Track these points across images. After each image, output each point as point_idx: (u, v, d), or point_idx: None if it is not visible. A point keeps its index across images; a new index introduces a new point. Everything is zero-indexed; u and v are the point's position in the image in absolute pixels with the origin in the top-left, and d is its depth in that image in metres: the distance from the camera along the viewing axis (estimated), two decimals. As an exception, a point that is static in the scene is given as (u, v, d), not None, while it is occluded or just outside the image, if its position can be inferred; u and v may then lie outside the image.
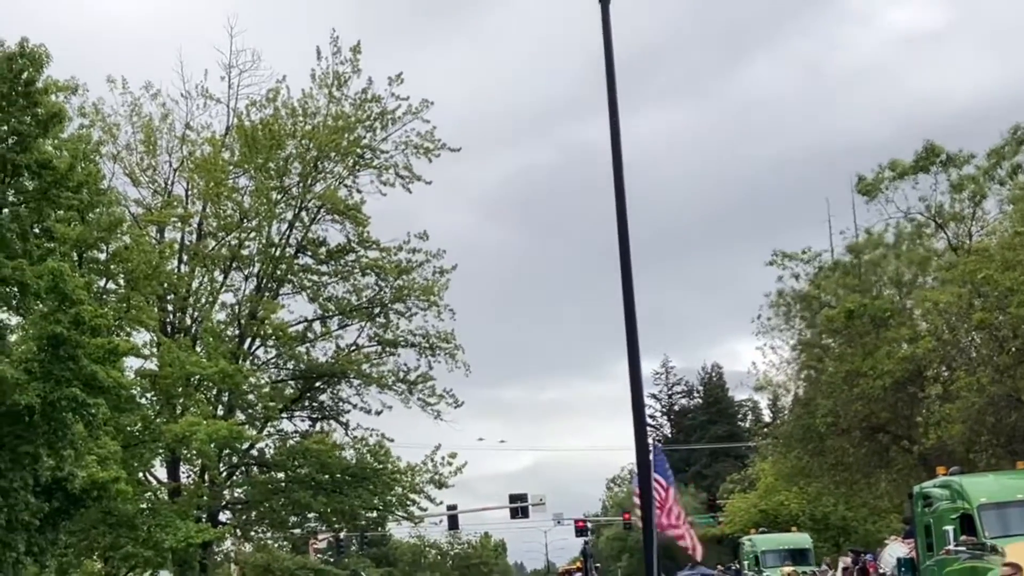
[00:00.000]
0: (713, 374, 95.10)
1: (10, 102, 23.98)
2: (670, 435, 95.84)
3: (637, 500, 24.58)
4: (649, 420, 67.23)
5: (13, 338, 25.48)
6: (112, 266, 32.04)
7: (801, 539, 44.43)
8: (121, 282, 32.79)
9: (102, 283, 32.17)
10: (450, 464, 42.12)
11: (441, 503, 49.58)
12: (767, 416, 66.52)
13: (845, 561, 32.67)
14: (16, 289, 24.12)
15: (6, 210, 24.50)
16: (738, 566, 42.45)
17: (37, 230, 25.23)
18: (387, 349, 43.79)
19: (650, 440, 22.40)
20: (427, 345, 43.36)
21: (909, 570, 25.60)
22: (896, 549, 28.27)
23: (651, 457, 20.14)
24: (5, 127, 24.16)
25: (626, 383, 16.59)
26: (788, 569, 38.40)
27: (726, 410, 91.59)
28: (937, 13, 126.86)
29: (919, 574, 24.79)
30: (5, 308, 24.77)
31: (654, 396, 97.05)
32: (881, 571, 28.46)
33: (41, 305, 23.74)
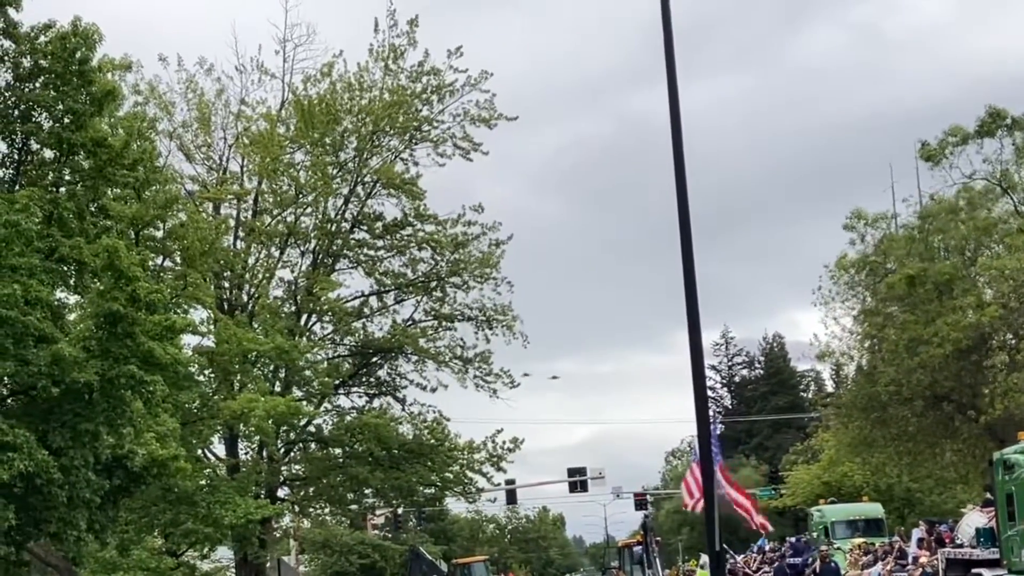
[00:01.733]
0: (774, 344, 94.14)
1: (64, 81, 24.05)
2: (731, 406, 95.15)
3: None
4: (709, 392, 66.63)
5: (72, 316, 25.58)
6: (168, 243, 32.08)
7: (873, 509, 43.51)
8: (178, 259, 32.87)
9: (159, 261, 32.23)
10: (511, 450, 42.08)
11: (499, 483, 49.62)
12: (830, 387, 65.66)
13: (920, 532, 31.87)
14: (74, 268, 24.23)
15: (63, 189, 24.62)
16: (808, 537, 41.79)
17: (93, 208, 25.32)
18: (444, 323, 43.73)
19: (710, 412, 22.09)
20: (484, 318, 43.23)
21: (989, 540, 24.90)
22: (975, 519, 27.29)
23: (713, 431, 19.82)
24: (60, 106, 24.24)
25: (686, 354, 16.37)
26: (859, 540, 37.74)
27: (787, 381, 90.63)
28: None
29: (1000, 544, 24.14)
30: (63, 287, 24.80)
31: (714, 367, 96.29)
32: (958, 542, 27.69)
33: (98, 283, 23.78)
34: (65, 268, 24.25)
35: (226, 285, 39.82)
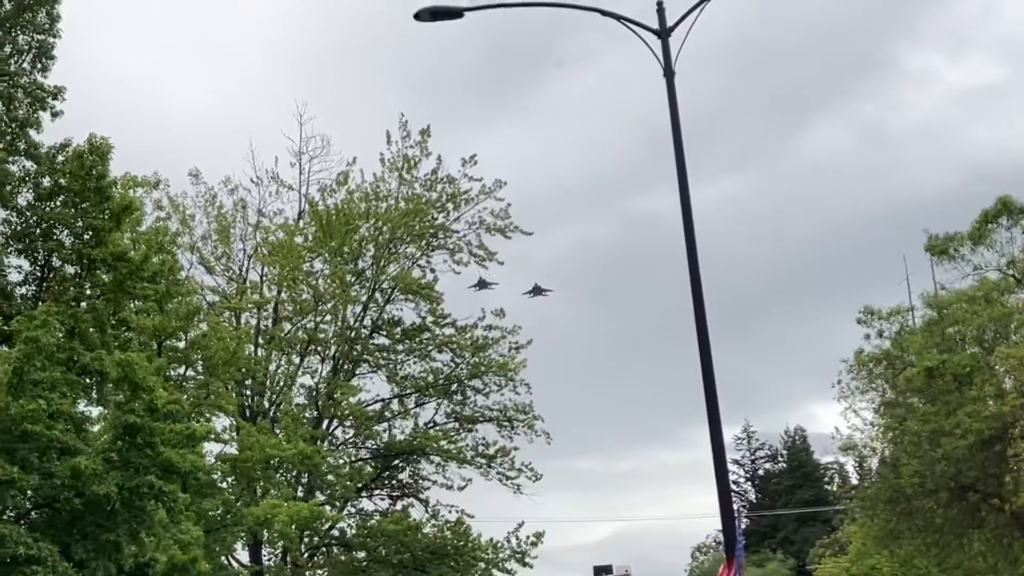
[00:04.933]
0: (796, 438, 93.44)
1: (83, 198, 24.78)
2: (755, 500, 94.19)
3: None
4: (733, 486, 66.21)
5: (95, 428, 25.94)
6: (191, 353, 32.61)
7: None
8: (200, 369, 33.31)
9: (181, 370, 32.72)
10: (534, 544, 41.92)
11: (523, 582, 49.25)
12: (854, 479, 65.11)
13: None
14: (96, 380, 24.64)
15: (84, 303, 25.14)
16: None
17: (114, 321, 25.81)
18: (465, 425, 43.90)
19: (735, 507, 22.09)
20: (505, 419, 43.42)
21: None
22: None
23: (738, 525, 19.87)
24: (80, 223, 24.93)
25: (707, 450, 16.56)
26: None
27: (811, 474, 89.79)
28: (994, 70, 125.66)
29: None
30: (86, 399, 25.21)
31: (737, 462, 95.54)
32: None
33: (119, 394, 24.20)
34: (87, 380, 24.64)
35: (248, 392, 40.19)
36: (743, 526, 24.11)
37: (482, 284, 44.62)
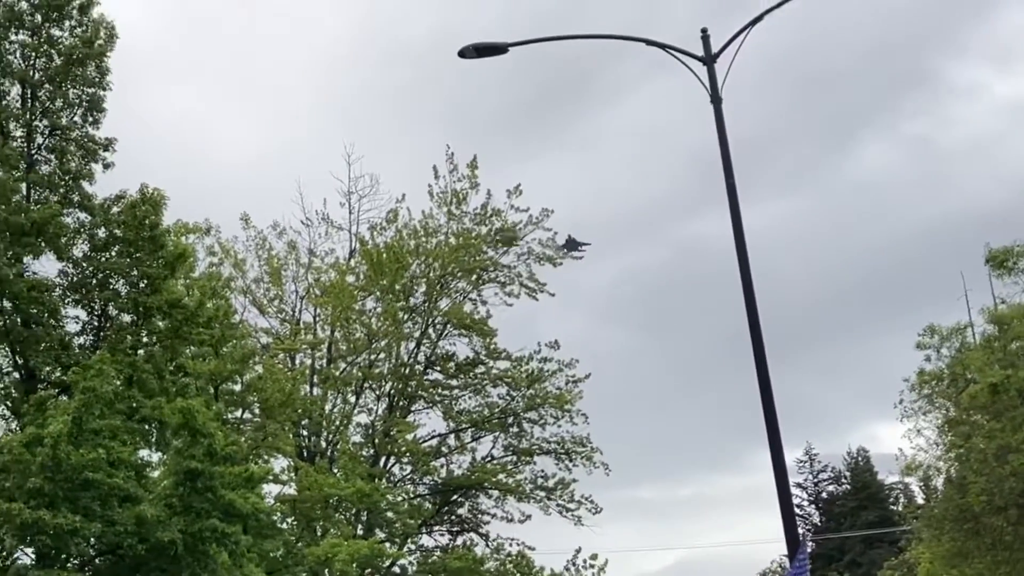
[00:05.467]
0: (859, 459, 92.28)
1: (137, 247, 25.17)
2: (820, 523, 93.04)
3: None
4: (797, 510, 65.56)
5: (155, 474, 26.19)
6: (247, 396, 32.87)
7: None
8: (257, 411, 33.55)
9: (238, 413, 33.00)
10: (592, 567, 41.72)
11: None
12: (920, 499, 64.22)
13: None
14: (155, 426, 24.90)
15: (141, 351, 25.46)
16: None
17: (172, 367, 26.13)
18: (523, 458, 43.82)
19: (800, 531, 21.87)
20: (563, 451, 43.32)
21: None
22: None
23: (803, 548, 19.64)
24: (135, 272, 25.30)
25: (768, 474, 16.44)
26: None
27: (876, 495, 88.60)
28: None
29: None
30: (146, 445, 25.47)
31: (800, 485, 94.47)
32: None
33: (177, 440, 24.43)
34: (147, 427, 24.91)
35: (305, 433, 40.40)
36: (809, 550, 23.79)
37: (572, 245, 42.75)
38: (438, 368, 43.88)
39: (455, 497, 44.06)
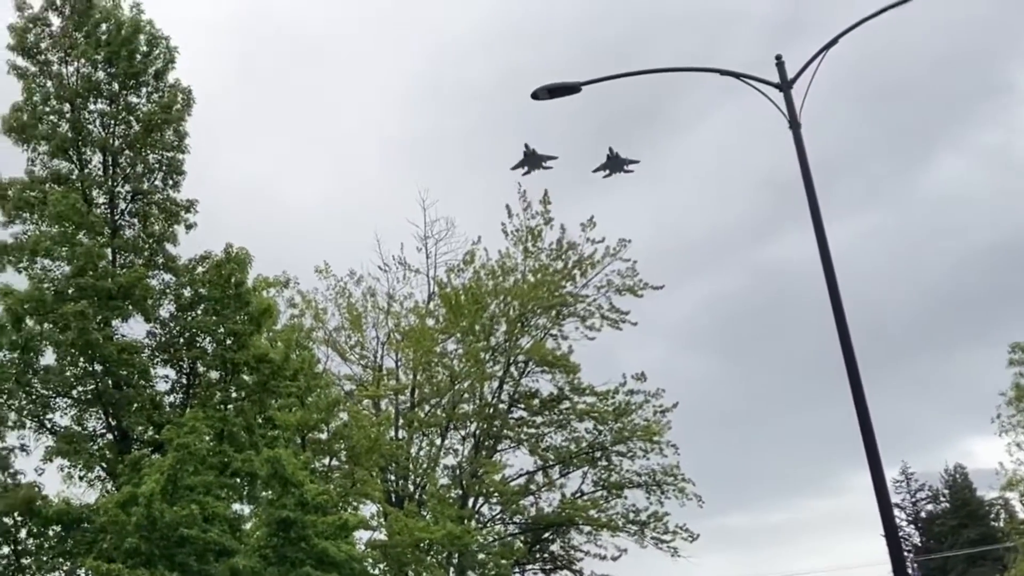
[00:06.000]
0: (957, 476, 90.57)
1: (223, 305, 25.71)
2: (920, 543, 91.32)
3: None
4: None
5: (248, 526, 26.65)
6: (334, 444, 33.27)
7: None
8: (344, 458, 33.92)
9: (326, 461, 33.38)
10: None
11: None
12: (1022, 514, 62.94)
13: None
14: (247, 480, 25.35)
15: (230, 406, 25.98)
16: None
17: (260, 421, 26.59)
18: (613, 492, 43.66)
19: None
20: (654, 483, 43.12)
21: None
22: None
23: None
24: (221, 329, 25.86)
25: (860, 496, 16.47)
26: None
27: (976, 512, 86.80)
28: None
29: None
30: (238, 499, 25.91)
31: (898, 505, 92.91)
32: None
33: (269, 492, 24.85)
34: (238, 480, 25.36)
35: (392, 477, 40.70)
36: (912, 571, 23.46)
37: (617, 163, 35.05)
38: (522, 406, 43.98)
39: (546, 535, 44.00)
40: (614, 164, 34.03)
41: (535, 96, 19.76)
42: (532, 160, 35.25)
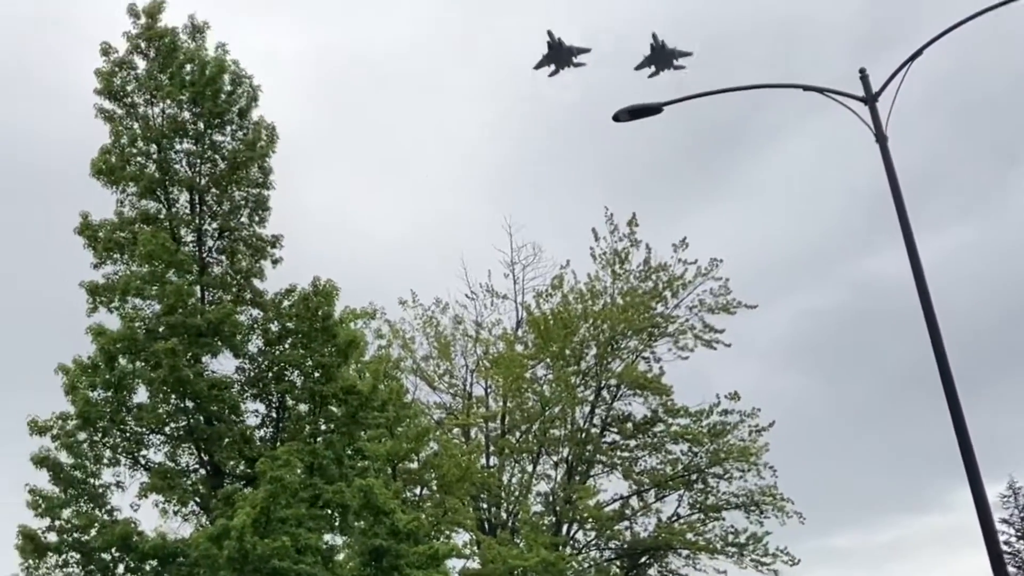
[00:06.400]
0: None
1: (311, 338, 25.92)
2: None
3: None
4: (1005, 547, 62.82)
5: (340, 557, 26.77)
6: (425, 474, 33.35)
7: None
8: (435, 487, 33.97)
9: (417, 491, 33.45)
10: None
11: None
12: None
13: None
14: (338, 511, 25.47)
15: (320, 438, 26.15)
16: None
17: (350, 452, 26.70)
18: (711, 514, 43.13)
19: (1012, 570, 21.10)
20: (752, 504, 42.52)
21: None
22: None
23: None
24: (309, 362, 26.08)
25: (970, 511, 16.03)
26: None
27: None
28: None
29: None
30: (330, 530, 26.05)
31: (1006, 521, 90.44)
32: None
33: (360, 522, 24.95)
34: (330, 512, 25.49)
35: (484, 505, 40.63)
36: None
37: (665, 57, 30.79)
38: (615, 430, 43.67)
39: (643, 560, 43.53)
40: (660, 58, 29.38)
41: (616, 118, 19.64)
42: (559, 55, 31.23)
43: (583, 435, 42.56)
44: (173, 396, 25.07)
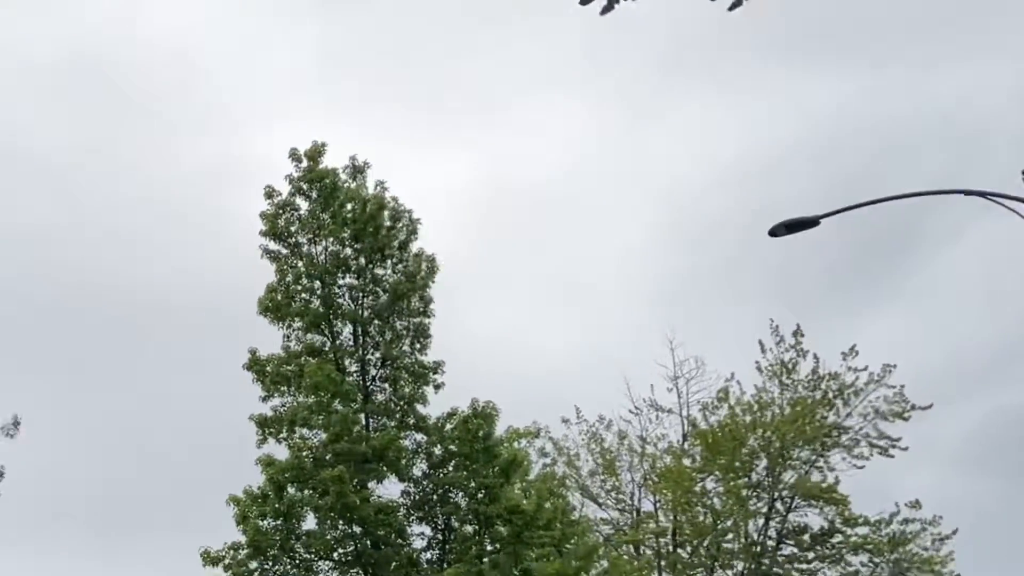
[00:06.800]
0: None
1: (472, 460, 26.39)
2: None
3: None
4: None
5: None
6: (597, 592, 33.07)
7: None
8: (610, 606, 33.71)
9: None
10: None
11: None
12: None
13: None
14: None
15: (486, 559, 26.41)
16: None
17: (517, 572, 26.85)
18: (896, 626, 41.61)
19: None
20: (940, 613, 40.95)
21: None
22: None
23: None
24: (472, 483, 26.50)
25: None
26: None
27: None
28: None
29: None
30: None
31: None
32: None
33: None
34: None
35: (660, 625, 40.08)
36: None
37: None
38: (791, 542, 42.64)
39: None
40: None
41: (773, 233, 19.42)
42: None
43: (758, 548, 41.68)
44: (340, 522, 25.76)
